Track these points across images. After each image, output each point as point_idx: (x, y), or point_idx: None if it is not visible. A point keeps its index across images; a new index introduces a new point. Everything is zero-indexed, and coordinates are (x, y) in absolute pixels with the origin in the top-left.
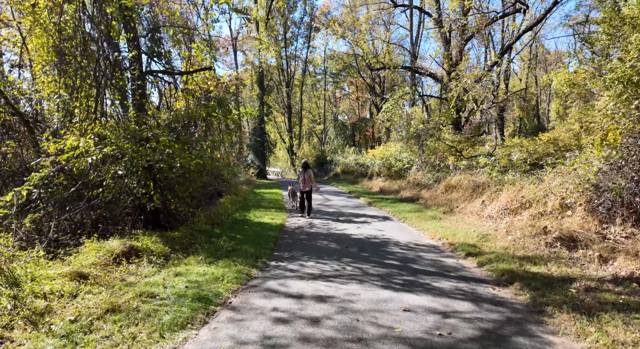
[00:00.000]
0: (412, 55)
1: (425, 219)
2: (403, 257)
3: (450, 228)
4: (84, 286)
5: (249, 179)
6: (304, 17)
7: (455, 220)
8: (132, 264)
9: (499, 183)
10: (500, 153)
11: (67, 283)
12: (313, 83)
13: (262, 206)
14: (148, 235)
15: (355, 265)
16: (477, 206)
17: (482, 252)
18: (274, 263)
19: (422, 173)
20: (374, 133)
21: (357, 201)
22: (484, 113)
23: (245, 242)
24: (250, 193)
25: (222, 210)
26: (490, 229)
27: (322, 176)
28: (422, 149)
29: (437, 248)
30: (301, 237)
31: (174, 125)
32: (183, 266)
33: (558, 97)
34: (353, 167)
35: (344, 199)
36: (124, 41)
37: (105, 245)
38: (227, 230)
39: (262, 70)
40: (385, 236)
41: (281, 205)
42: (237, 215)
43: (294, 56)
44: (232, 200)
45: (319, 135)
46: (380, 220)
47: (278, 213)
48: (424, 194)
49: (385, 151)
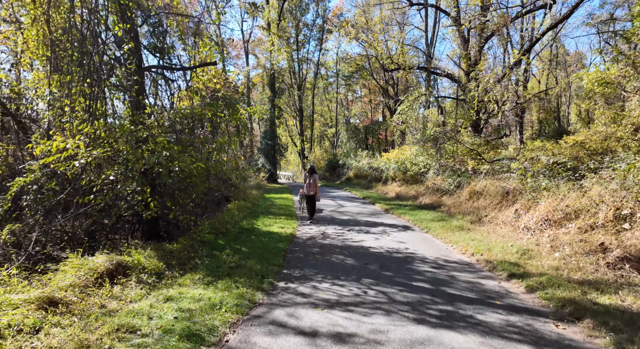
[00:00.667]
0: (427, 56)
1: (452, 229)
2: (434, 278)
3: (483, 242)
4: (51, 317)
5: (259, 183)
6: (316, 19)
7: (486, 232)
8: (118, 285)
9: (534, 189)
10: (525, 157)
11: (32, 313)
12: (325, 86)
13: (271, 213)
14: (142, 248)
15: (378, 288)
16: (510, 216)
17: (529, 273)
18: (282, 284)
19: (441, 177)
20: (387, 136)
21: (372, 208)
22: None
23: (251, 256)
24: (260, 198)
25: (228, 217)
26: (531, 243)
27: (334, 180)
28: (440, 152)
29: (471, 266)
30: (313, 250)
31: (176, 126)
32: (176, 288)
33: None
34: (366, 171)
35: (358, 205)
36: (119, 33)
37: (88, 261)
38: (232, 241)
39: (273, 72)
40: (408, 250)
41: (292, 211)
42: (244, 223)
43: (305, 59)
44: (240, 206)
45: (331, 138)
46: (400, 229)
47: (288, 221)
48: (445, 201)
49: (400, 154)
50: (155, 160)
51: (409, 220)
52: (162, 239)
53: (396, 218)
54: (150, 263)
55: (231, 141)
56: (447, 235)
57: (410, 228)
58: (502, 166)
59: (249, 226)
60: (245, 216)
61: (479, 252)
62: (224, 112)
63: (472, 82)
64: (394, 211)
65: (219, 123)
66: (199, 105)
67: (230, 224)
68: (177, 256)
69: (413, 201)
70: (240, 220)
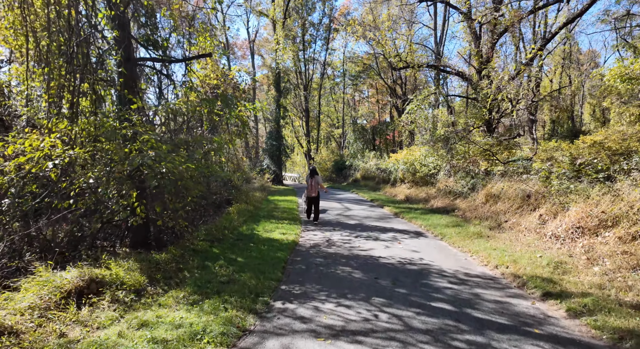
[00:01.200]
0: (436, 54)
1: (469, 237)
2: (455, 296)
3: (507, 251)
4: None
5: (264, 185)
6: (322, 18)
7: (508, 239)
8: (87, 305)
9: (562, 193)
10: (541, 158)
11: None
12: (332, 86)
13: (274, 217)
14: (126, 259)
15: (391, 311)
16: (533, 222)
17: (567, 292)
18: (279, 304)
19: (453, 179)
20: (395, 137)
21: (381, 212)
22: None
23: (247, 268)
24: (263, 201)
25: (226, 222)
26: (562, 254)
27: (340, 182)
28: (451, 153)
29: (497, 282)
30: (317, 260)
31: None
32: (155, 309)
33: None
34: (374, 172)
35: (365, 208)
36: (103, 21)
37: (55, 277)
38: (228, 249)
39: (279, 72)
40: (423, 260)
41: (295, 215)
42: (243, 229)
43: (312, 59)
44: (241, 210)
45: (338, 139)
46: (412, 236)
47: (291, 226)
48: (459, 204)
49: (409, 155)
50: (140, 161)
51: (421, 225)
52: (151, 247)
53: (407, 223)
54: (131, 277)
55: (230, 141)
56: (464, 243)
57: (423, 234)
58: (516, 167)
59: (248, 232)
60: (245, 220)
61: (504, 264)
62: (223, 109)
63: (484, 80)
64: (404, 216)
65: (218, 122)
66: (193, 101)
67: (229, 230)
68: (163, 269)
69: (424, 204)
70: (240, 224)
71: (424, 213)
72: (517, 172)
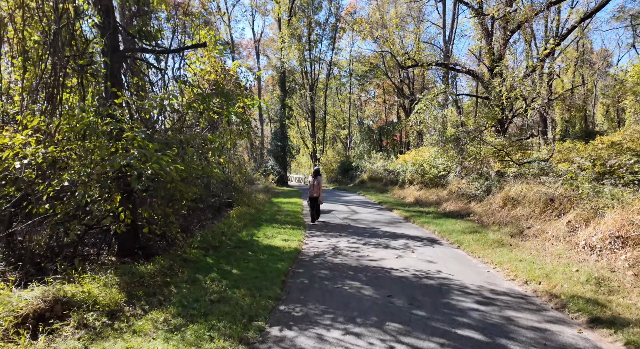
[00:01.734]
0: (445, 53)
1: (489, 245)
2: (483, 321)
3: (536, 263)
4: None
5: (268, 186)
6: (329, 18)
7: (534, 249)
8: (45, 333)
9: (593, 197)
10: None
11: None
12: (338, 86)
13: (276, 221)
14: (106, 271)
15: (410, 341)
16: (561, 229)
17: (620, 318)
18: (276, 330)
19: (465, 181)
20: (402, 137)
21: (390, 215)
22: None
23: (242, 283)
24: (267, 204)
25: (225, 227)
26: (602, 268)
27: (346, 183)
28: (462, 154)
29: (529, 301)
30: (321, 273)
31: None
32: (128, 338)
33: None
34: (381, 173)
35: (374, 212)
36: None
37: (12, 298)
38: (224, 259)
39: (284, 71)
40: (441, 273)
41: (299, 219)
42: (243, 235)
43: (318, 59)
44: (242, 213)
45: (344, 140)
46: (425, 243)
47: (294, 231)
48: (474, 208)
49: (417, 156)
50: (121, 161)
51: (435, 231)
52: (139, 256)
53: (419, 229)
54: (106, 295)
55: (229, 139)
56: (485, 253)
57: (437, 241)
58: (532, 168)
59: (247, 239)
60: (246, 224)
61: (535, 279)
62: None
63: (496, 78)
64: (415, 220)
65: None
66: (189, 97)
67: (227, 236)
68: (147, 283)
69: (435, 207)
70: (239, 230)
71: (437, 217)
72: (533, 174)
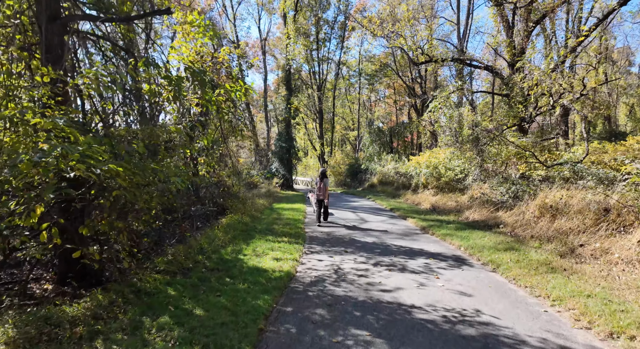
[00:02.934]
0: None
1: (536, 268)
2: None
3: (613, 302)
4: None
5: (271, 190)
6: (337, 16)
7: (600, 276)
8: None
9: None
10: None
11: None
12: (347, 87)
13: (272, 232)
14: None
15: None
16: (632, 249)
17: None
18: None
19: (488, 185)
20: (414, 139)
21: (404, 225)
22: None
23: (201, 334)
24: (265, 210)
25: (206, 241)
26: None
27: (355, 187)
28: (481, 155)
29: None
30: (317, 314)
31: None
32: None
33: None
34: (392, 176)
35: (385, 220)
36: None
37: None
38: (191, 289)
39: (289, 68)
40: (481, 315)
41: (299, 229)
42: (227, 251)
43: (326, 58)
44: (233, 223)
45: (353, 142)
46: (451, 264)
47: (291, 246)
48: (503, 217)
49: (432, 158)
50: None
51: (460, 246)
52: (87, 284)
53: (440, 242)
54: None
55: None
56: (533, 280)
57: (465, 261)
58: (561, 171)
59: (231, 257)
60: (235, 237)
61: (624, 331)
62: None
63: (518, 73)
64: (434, 231)
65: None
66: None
67: (206, 253)
68: (60, 337)
69: (456, 215)
70: (225, 244)
71: (460, 228)
72: (563, 177)
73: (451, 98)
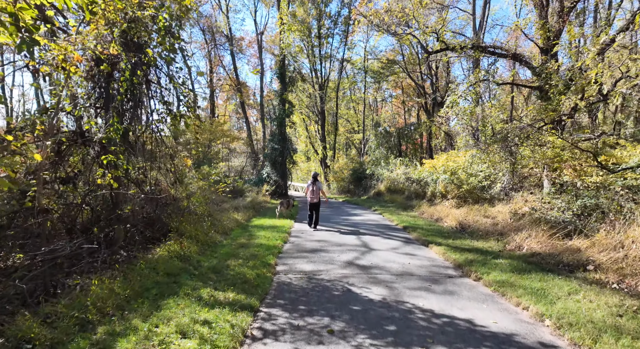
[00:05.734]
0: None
1: None
2: None
3: None
4: None
5: (257, 200)
6: (341, 10)
7: None
8: None
9: None
10: None
11: None
12: (351, 86)
13: (218, 277)
14: None
15: None
16: None
17: None
18: None
19: (538, 198)
20: (423, 142)
21: (428, 258)
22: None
23: None
24: (235, 229)
25: (78, 305)
26: None
27: (359, 194)
28: (513, 157)
29: None
30: None
31: None
32: None
33: None
34: (402, 183)
35: (399, 248)
36: None
37: None
38: None
39: (283, 58)
40: None
41: (267, 268)
42: (110, 327)
43: (328, 56)
44: (168, 255)
45: (358, 145)
46: None
47: (228, 321)
48: (584, 249)
49: (449, 162)
50: None
51: (541, 315)
52: None
53: (497, 301)
54: None
55: None
56: None
57: None
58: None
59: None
60: (136, 295)
61: None
62: None
63: (552, 61)
64: (479, 274)
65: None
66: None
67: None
68: None
69: (498, 242)
70: (123, 303)
71: (518, 268)
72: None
73: (472, 93)
